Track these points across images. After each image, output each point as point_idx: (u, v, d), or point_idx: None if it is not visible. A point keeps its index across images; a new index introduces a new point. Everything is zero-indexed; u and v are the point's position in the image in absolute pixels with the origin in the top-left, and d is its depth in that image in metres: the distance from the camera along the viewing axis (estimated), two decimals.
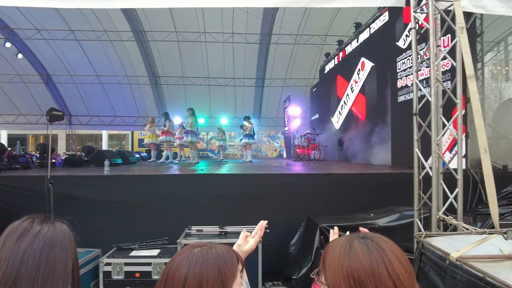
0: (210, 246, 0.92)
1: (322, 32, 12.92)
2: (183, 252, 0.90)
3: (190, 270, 0.84)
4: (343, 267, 0.85)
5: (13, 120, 17.08)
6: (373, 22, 8.56)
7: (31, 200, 4.22)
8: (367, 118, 8.99)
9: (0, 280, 0.81)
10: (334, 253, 0.90)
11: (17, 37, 13.29)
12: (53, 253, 0.87)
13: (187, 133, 9.04)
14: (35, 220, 0.90)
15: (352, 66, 9.92)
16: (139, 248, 3.67)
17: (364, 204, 4.24)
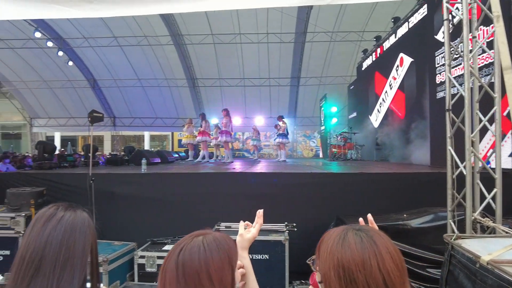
0: (209, 233, 0.98)
1: (359, 28, 12.58)
2: (188, 241, 0.96)
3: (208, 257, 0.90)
4: (334, 256, 0.87)
5: (64, 122, 18.43)
6: (411, 15, 8.20)
7: (75, 195, 4.56)
8: (407, 116, 8.63)
9: (28, 258, 0.93)
10: (328, 242, 0.92)
11: (68, 46, 14.34)
12: (73, 237, 0.98)
13: (221, 133, 9.23)
14: (60, 207, 1.02)
15: (391, 62, 9.57)
16: (171, 242, 3.83)
17: (397, 204, 4.09)
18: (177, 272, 0.88)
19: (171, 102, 17.05)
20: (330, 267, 0.86)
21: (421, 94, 7.58)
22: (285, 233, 3.56)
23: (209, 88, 16.16)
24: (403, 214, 3.91)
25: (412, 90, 8.28)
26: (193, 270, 0.88)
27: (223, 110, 9.44)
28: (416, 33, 7.89)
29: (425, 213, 3.72)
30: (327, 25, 12.38)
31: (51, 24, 12.89)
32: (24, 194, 4.14)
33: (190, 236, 0.96)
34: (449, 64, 2.87)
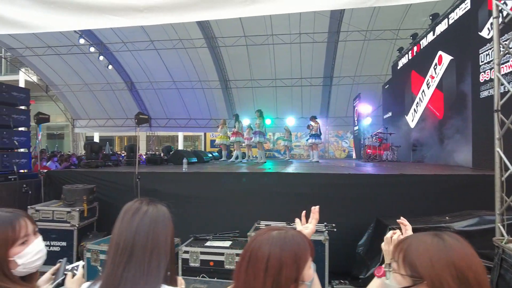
0: (286, 230, 1.06)
1: (394, 26, 12.27)
2: (263, 233, 1.03)
3: (271, 250, 0.96)
4: (442, 258, 0.91)
5: (103, 123, 19.33)
6: (452, 11, 7.91)
7: (122, 192, 4.85)
8: (445, 116, 8.33)
9: (122, 246, 1.08)
10: (423, 246, 0.95)
11: (108, 51, 15.07)
12: (157, 228, 1.11)
13: (255, 133, 9.35)
14: (143, 202, 1.17)
15: (428, 61, 9.27)
16: (213, 239, 3.98)
17: (438, 207, 4.01)
18: (245, 258, 0.98)
19: (204, 103, 17.45)
20: (441, 269, 0.90)
21: (461, 93, 7.30)
22: (325, 233, 3.60)
23: (241, 89, 16.37)
24: (445, 217, 3.82)
25: (451, 89, 7.99)
26: (256, 259, 0.96)
27: (256, 111, 9.57)
28: (457, 30, 7.60)
29: (469, 216, 3.62)
30: (361, 23, 12.18)
31: (94, 31, 13.61)
32: (78, 190, 4.46)
33: (268, 229, 1.04)
34: (499, 63, 2.80)
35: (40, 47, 14.61)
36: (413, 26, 11.30)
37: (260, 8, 3.08)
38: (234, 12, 3.19)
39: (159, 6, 3.39)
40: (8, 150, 5.12)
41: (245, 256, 0.99)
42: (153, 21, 3.49)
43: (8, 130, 5.03)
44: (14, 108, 5.20)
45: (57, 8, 3.59)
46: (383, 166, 7.82)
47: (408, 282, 0.97)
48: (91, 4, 3.55)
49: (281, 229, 1.04)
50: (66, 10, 3.60)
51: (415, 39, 10.66)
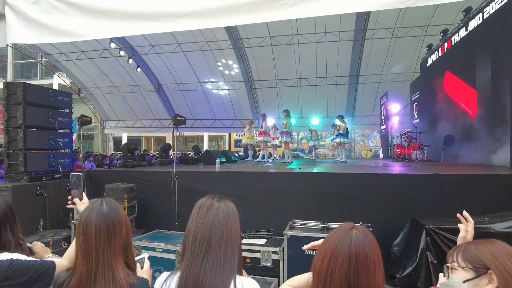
0: (354, 225, 1.14)
1: (423, 22, 11.97)
2: (344, 236, 1.10)
3: (373, 250, 1.09)
4: (500, 251, 1.04)
5: (132, 124, 19.93)
6: (487, 5, 7.65)
7: (160, 190, 5.06)
8: (479, 114, 8.09)
9: (200, 238, 1.20)
10: (480, 244, 1.10)
11: (137, 54, 15.56)
12: (229, 222, 1.23)
13: (282, 133, 9.39)
14: (214, 198, 1.28)
15: (460, 57, 9.03)
16: (248, 236, 4.09)
17: (475, 207, 3.93)
18: (350, 260, 1.05)
19: (229, 104, 17.66)
20: (503, 258, 1.02)
21: (497, 91, 7.07)
22: None
23: (266, 89, 16.45)
24: (484, 218, 3.76)
25: (485, 87, 7.75)
26: (365, 258, 1.06)
27: (283, 111, 9.60)
28: (493, 24, 7.37)
29: (510, 217, 3.56)
30: (388, 21, 11.96)
31: None
32: (119, 189, 4.69)
33: (345, 229, 1.13)
34: None
35: (74, 52, 15.27)
36: (444, 21, 11.01)
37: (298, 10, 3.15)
38: (273, 15, 3.28)
39: (199, 11, 3.53)
40: (54, 151, 5.44)
41: (347, 256, 1.06)
42: (192, 26, 3.64)
43: (54, 132, 5.35)
44: (58, 111, 5.53)
45: (103, 17, 3.82)
46: (414, 165, 7.70)
47: (472, 274, 1.04)
48: (134, 12, 3.74)
49: (351, 226, 1.13)
50: (111, 19, 3.82)
51: (446, 35, 10.39)
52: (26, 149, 4.91)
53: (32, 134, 5.02)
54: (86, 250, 1.28)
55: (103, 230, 1.29)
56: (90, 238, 1.28)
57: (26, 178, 4.81)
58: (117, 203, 1.42)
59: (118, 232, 1.33)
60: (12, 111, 4.92)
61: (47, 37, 4.17)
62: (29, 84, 5.06)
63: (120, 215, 1.37)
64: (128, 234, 1.40)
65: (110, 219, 1.32)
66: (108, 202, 1.39)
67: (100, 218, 1.31)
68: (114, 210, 1.36)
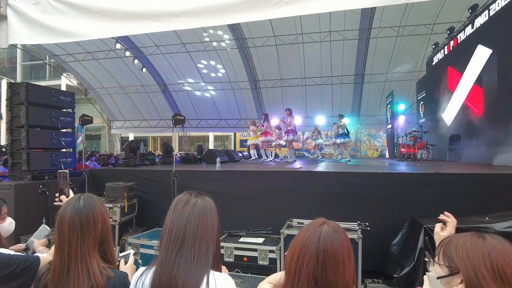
0: (327, 221, 1.14)
1: (429, 20, 11.85)
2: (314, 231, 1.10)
3: (342, 246, 1.07)
4: (479, 251, 0.97)
5: (138, 124, 20.08)
6: (493, 2, 7.54)
7: (160, 189, 5.08)
8: (485, 113, 7.98)
9: (175, 233, 1.20)
10: (463, 242, 1.02)
11: (142, 54, 15.67)
12: (205, 218, 1.23)
13: (287, 132, 9.29)
14: (192, 194, 1.28)
15: (466, 55, 8.90)
16: (246, 235, 4.10)
17: (477, 207, 3.88)
18: (318, 255, 1.04)
19: (234, 104, 17.68)
20: (477, 260, 0.96)
21: (503, 89, 6.97)
22: (358, 232, 3.61)
23: (270, 89, 16.44)
24: (485, 217, 3.70)
25: (492, 85, 7.63)
26: (333, 254, 1.04)
27: (286, 109, 9.54)
28: (499, 21, 7.25)
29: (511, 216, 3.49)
30: (393, 19, 11.87)
31: (129, 36, 14.21)
32: (119, 187, 4.73)
33: (315, 225, 1.12)
34: None
35: (80, 53, 15.45)
36: (450, 19, 10.87)
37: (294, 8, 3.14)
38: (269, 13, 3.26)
39: (195, 10, 3.54)
40: (56, 150, 5.51)
41: (315, 252, 1.05)
42: (189, 25, 3.64)
43: (56, 131, 5.42)
44: (61, 110, 5.59)
45: (102, 17, 3.85)
46: (418, 165, 7.61)
47: (445, 272, 1.02)
48: (132, 12, 3.77)
49: (323, 222, 1.12)
50: (109, 19, 3.85)
51: (451, 33, 10.26)
52: (29, 148, 4.97)
53: (35, 133, 5.09)
54: (59, 244, 1.30)
55: (76, 225, 1.30)
56: (63, 232, 1.29)
57: (29, 177, 4.88)
58: (96, 199, 1.43)
59: (92, 228, 1.34)
60: (15, 111, 4.99)
61: (48, 37, 4.21)
62: (32, 84, 5.12)
63: (96, 211, 1.38)
64: (105, 230, 1.40)
65: (84, 214, 1.34)
66: (86, 198, 1.40)
67: (74, 213, 1.32)
68: (90, 206, 1.37)
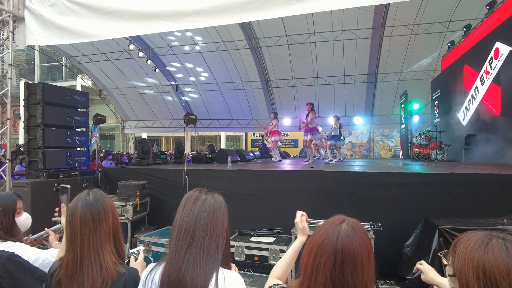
0: (347, 220, 1.11)
1: (444, 18, 11.61)
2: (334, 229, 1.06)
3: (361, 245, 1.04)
4: (475, 258, 0.92)
5: (151, 124, 20.31)
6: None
7: (172, 188, 5.12)
8: (504, 112, 7.76)
9: (185, 230, 1.20)
10: (468, 243, 0.96)
11: (155, 55, 15.84)
12: (215, 215, 1.23)
13: (306, 131, 8.51)
14: (202, 191, 1.29)
15: (483, 53, 8.68)
16: (257, 234, 4.09)
17: (493, 208, 3.78)
18: (336, 256, 1.01)
19: (246, 103, 17.70)
20: (468, 267, 0.92)
21: None
22: (370, 232, 3.55)
23: (282, 89, 16.39)
24: (502, 219, 3.60)
25: (511, 83, 7.43)
26: (351, 255, 1.01)
27: (307, 103, 8.72)
28: None
29: None
30: (407, 17, 11.67)
31: (142, 37, 14.39)
32: (132, 186, 4.79)
33: (334, 223, 1.08)
34: None
35: (95, 54, 15.73)
36: (466, 16, 10.63)
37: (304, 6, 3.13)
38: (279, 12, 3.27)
39: (206, 9, 3.56)
40: (71, 149, 5.62)
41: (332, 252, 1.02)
42: (200, 24, 3.67)
43: (71, 130, 5.53)
44: (75, 110, 5.70)
45: (114, 18, 3.91)
46: (432, 165, 7.47)
47: (450, 272, 1.00)
48: (144, 12, 3.82)
49: (343, 219, 1.10)
50: (122, 19, 3.91)
51: (468, 30, 10.03)
52: (45, 147, 5.09)
53: (51, 132, 5.20)
54: (72, 238, 1.32)
55: (88, 219, 1.34)
56: (75, 226, 1.32)
57: (45, 175, 4.99)
58: (104, 194, 1.46)
59: (103, 220, 1.37)
60: (32, 111, 5.11)
61: (63, 38, 4.31)
62: (48, 84, 5.24)
63: (106, 204, 1.41)
64: (116, 223, 1.43)
65: (95, 208, 1.37)
66: (95, 192, 1.44)
67: (85, 208, 1.35)
68: (100, 200, 1.41)
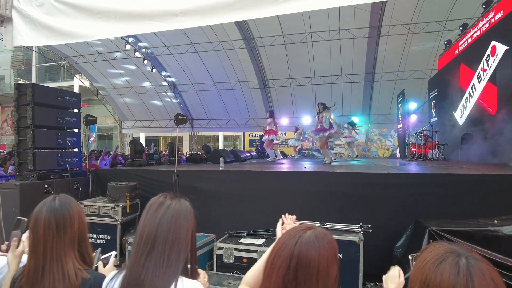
0: (314, 228, 1.06)
1: (441, 17, 11.57)
2: (296, 235, 1.02)
3: (320, 252, 0.99)
4: (424, 273, 0.88)
5: (148, 124, 20.24)
6: None
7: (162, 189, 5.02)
8: (500, 112, 7.72)
9: (146, 236, 1.16)
10: (428, 255, 0.92)
11: (152, 55, 15.79)
12: (178, 221, 1.19)
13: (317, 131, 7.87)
14: (167, 196, 1.25)
15: (480, 52, 8.65)
16: (247, 236, 4.05)
17: (485, 209, 3.75)
18: (291, 261, 0.97)
19: (243, 103, 17.64)
20: (417, 279, 0.89)
21: None
22: (360, 234, 3.52)
23: (279, 88, 16.35)
24: (493, 220, 3.57)
25: (507, 82, 7.38)
26: (307, 262, 0.96)
27: (318, 104, 8.13)
28: None
29: None
30: (404, 17, 11.63)
31: (139, 37, 14.35)
32: (121, 187, 4.75)
33: (299, 229, 1.04)
34: None
35: (92, 54, 15.68)
36: (463, 15, 10.60)
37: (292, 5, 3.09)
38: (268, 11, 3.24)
39: (194, 9, 3.52)
40: (62, 150, 5.58)
41: (288, 257, 0.98)
42: (189, 24, 3.63)
43: (62, 131, 5.49)
44: (67, 111, 5.66)
45: (103, 18, 3.87)
46: (428, 165, 7.43)
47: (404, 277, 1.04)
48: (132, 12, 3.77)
49: (310, 227, 1.06)
50: (111, 19, 3.87)
51: (465, 30, 10.00)
52: (35, 148, 5.05)
53: (41, 133, 5.17)
54: (34, 245, 1.28)
55: (52, 225, 1.30)
56: (39, 233, 1.29)
57: (35, 177, 4.95)
58: (71, 199, 1.42)
59: (68, 226, 1.33)
60: (22, 112, 5.08)
61: (52, 39, 4.26)
62: (38, 85, 5.21)
63: (72, 209, 1.37)
64: (82, 229, 1.39)
65: (61, 214, 1.33)
66: (61, 197, 1.40)
67: (49, 213, 1.31)
68: (66, 205, 1.37)
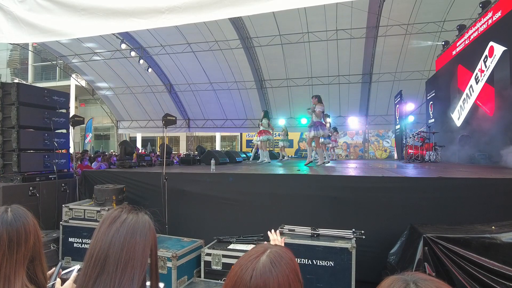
0: (270, 249, 0.94)
1: (438, 18, 11.48)
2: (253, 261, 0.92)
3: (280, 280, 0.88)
4: None
5: (145, 124, 20.08)
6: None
7: (151, 192, 4.94)
8: (497, 113, 7.62)
9: (95, 257, 1.01)
10: (387, 280, 0.82)
11: (148, 54, 15.64)
12: (133, 239, 1.03)
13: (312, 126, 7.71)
14: (123, 210, 1.09)
15: (477, 53, 8.55)
16: (236, 242, 3.91)
17: (483, 214, 3.63)
18: None
19: (240, 103, 17.53)
20: None
21: None
22: (352, 240, 3.39)
23: (276, 89, 16.23)
24: (491, 226, 3.45)
25: (504, 83, 7.28)
26: None
27: (313, 96, 8.03)
28: None
29: None
30: (401, 17, 11.54)
31: (134, 36, 14.20)
32: (108, 190, 4.60)
33: (251, 257, 0.93)
34: None
35: (87, 54, 15.52)
36: (460, 16, 10.50)
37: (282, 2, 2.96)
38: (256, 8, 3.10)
39: (180, 6, 3.38)
40: (49, 151, 5.43)
41: None
42: (175, 21, 3.50)
43: (49, 132, 5.34)
44: (54, 111, 5.51)
45: (87, 15, 3.73)
46: (425, 167, 7.31)
47: None
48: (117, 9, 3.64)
49: (264, 250, 0.93)
50: (95, 17, 3.73)
51: (462, 30, 9.89)
52: (20, 150, 4.90)
53: (27, 134, 5.01)
54: None
55: (3, 240, 1.16)
56: None
57: (19, 179, 4.80)
58: (26, 211, 1.28)
59: (23, 242, 1.19)
60: (6, 111, 4.93)
61: (34, 36, 4.12)
62: (23, 84, 5.08)
63: (28, 223, 1.23)
64: (37, 245, 1.25)
65: (14, 228, 1.19)
66: (15, 209, 1.25)
67: (1, 227, 1.17)
68: (21, 218, 1.23)
